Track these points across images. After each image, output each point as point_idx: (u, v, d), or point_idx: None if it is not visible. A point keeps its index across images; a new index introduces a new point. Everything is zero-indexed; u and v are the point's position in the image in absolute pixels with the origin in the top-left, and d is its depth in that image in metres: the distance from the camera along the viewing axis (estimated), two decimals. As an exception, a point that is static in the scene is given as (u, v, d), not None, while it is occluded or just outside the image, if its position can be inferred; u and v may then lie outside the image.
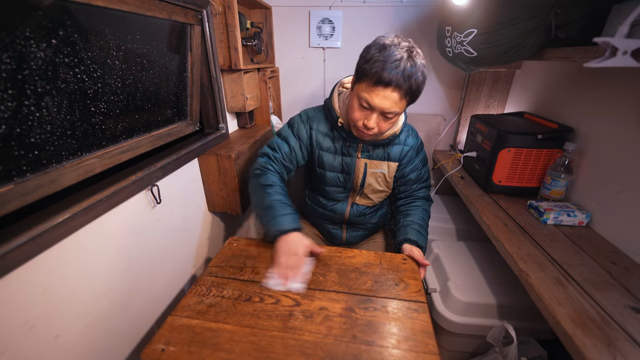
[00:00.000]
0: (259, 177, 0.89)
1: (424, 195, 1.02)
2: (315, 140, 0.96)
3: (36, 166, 0.56)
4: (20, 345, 0.55)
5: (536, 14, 0.77)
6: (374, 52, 0.74)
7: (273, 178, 0.89)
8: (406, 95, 0.75)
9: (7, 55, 0.48)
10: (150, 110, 0.85)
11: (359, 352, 0.56)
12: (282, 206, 0.82)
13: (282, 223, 0.78)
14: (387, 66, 0.71)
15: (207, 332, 0.59)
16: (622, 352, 0.55)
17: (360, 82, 0.78)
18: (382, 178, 0.97)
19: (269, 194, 0.84)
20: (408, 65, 0.72)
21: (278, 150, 0.94)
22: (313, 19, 1.47)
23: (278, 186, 0.87)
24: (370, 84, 0.74)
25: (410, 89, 0.74)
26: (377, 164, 0.95)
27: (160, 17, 0.78)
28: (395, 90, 0.73)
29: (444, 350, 1.08)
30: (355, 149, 0.94)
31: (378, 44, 0.75)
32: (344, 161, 0.95)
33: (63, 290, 0.62)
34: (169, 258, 0.97)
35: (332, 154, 0.96)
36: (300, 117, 0.99)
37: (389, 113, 0.77)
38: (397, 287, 0.72)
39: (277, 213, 0.80)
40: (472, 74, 1.43)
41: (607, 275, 0.73)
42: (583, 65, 0.65)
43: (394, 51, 0.72)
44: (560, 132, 1.01)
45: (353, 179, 0.97)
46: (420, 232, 0.91)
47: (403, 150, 0.96)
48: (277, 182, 0.88)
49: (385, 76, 0.72)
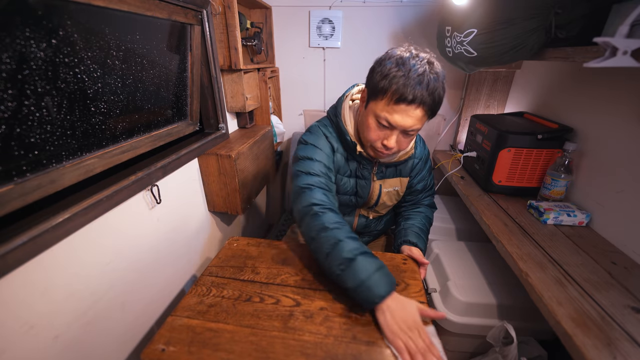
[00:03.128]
0: (318, 218, 0.71)
1: (429, 202, 1.01)
2: (336, 164, 0.86)
3: (36, 166, 0.56)
4: (21, 345, 0.55)
5: (536, 14, 0.77)
6: (391, 67, 0.67)
7: (335, 217, 0.71)
8: (430, 110, 0.69)
9: (7, 55, 0.48)
10: (150, 110, 0.85)
11: (359, 353, 0.56)
12: (368, 259, 0.64)
13: (378, 287, 0.61)
14: (409, 82, 0.65)
15: (207, 333, 0.59)
16: (622, 352, 0.55)
17: (377, 100, 0.70)
18: (395, 194, 0.93)
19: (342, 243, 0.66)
20: (432, 78, 0.66)
21: (323, 176, 0.79)
22: (313, 19, 1.47)
23: (346, 227, 0.71)
24: (392, 101, 0.67)
25: (434, 102, 0.68)
26: (391, 182, 0.90)
27: (160, 17, 0.78)
28: (419, 106, 0.67)
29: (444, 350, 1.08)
30: (370, 171, 0.87)
31: (395, 57, 0.68)
32: (359, 184, 0.88)
33: (63, 290, 0.62)
34: (169, 258, 0.97)
35: (347, 177, 0.88)
36: (317, 135, 0.85)
37: (411, 131, 0.71)
38: (397, 288, 0.72)
39: (368, 271, 0.62)
40: (472, 74, 1.43)
41: (607, 275, 0.73)
42: (583, 65, 0.65)
43: (415, 64, 0.66)
44: (560, 132, 1.01)
45: (367, 201, 0.91)
46: (421, 235, 0.89)
47: (413, 164, 0.93)
48: (341, 222, 0.71)
49: (409, 93, 0.65)
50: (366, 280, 0.61)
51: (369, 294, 0.61)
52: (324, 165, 0.81)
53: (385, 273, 0.64)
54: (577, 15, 0.75)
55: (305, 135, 0.87)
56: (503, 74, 1.42)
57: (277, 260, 0.80)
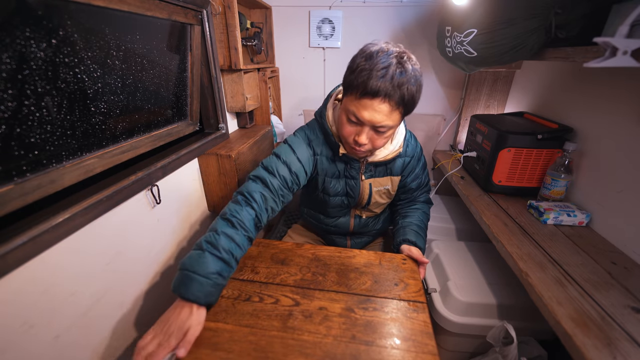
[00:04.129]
0: (232, 205, 0.73)
1: (425, 199, 1.01)
2: (320, 167, 0.87)
3: (36, 166, 0.56)
4: (21, 345, 0.55)
5: (536, 14, 0.77)
6: (359, 61, 0.67)
7: (247, 216, 0.72)
8: (398, 105, 0.67)
9: (7, 55, 0.48)
10: (150, 110, 0.85)
11: (358, 352, 0.56)
12: (214, 262, 0.62)
13: (192, 288, 0.59)
14: (373, 74, 0.64)
15: (206, 332, 0.59)
16: (622, 352, 0.55)
17: (348, 95, 0.71)
18: (387, 193, 0.94)
19: (219, 235, 0.66)
20: (397, 72, 0.65)
21: (276, 175, 0.79)
22: (313, 19, 1.47)
23: (241, 231, 0.69)
24: (357, 95, 0.67)
25: (403, 98, 0.66)
26: (381, 181, 0.90)
27: (161, 17, 0.78)
28: (384, 101, 0.66)
29: (444, 350, 1.08)
30: (358, 171, 0.87)
31: (364, 52, 0.68)
32: (348, 184, 0.89)
33: (63, 290, 0.62)
34: (169, 258, 0.97)
35: (336, 179, 0.88)
36: (299, 138, 0.87)
37: (380, 127, 0.70)
38: (397, 287, 0.72)
39: (200, 270, 0.61)
40: (472, 74, 1.43)
41: (607, 275, 0.73)
42: (583, 65, 0.65)
43: (382, 58, 0.65)
44: (560, 132, 1.01)
45: (358, 200, 0.92)
46: (419, 233, 0.89)
47: (404, 162, 0.91)
48: (246, 225, 0.70)
49: (372, 85, 0.64)
50: (192, 274, 0.60)
51: (182, 284, 0.60)
52: (288, 170, 0.81)
53: (214, 286, 0.61)
54: (577, 15, 0.75)
55: (289, 137, 0.88)
56: (503, 74, 1.42)
57: (276, 260, 0.80)
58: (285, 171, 0.80)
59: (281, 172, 0.80)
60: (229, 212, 0.72)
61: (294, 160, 0.82)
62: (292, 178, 0.81)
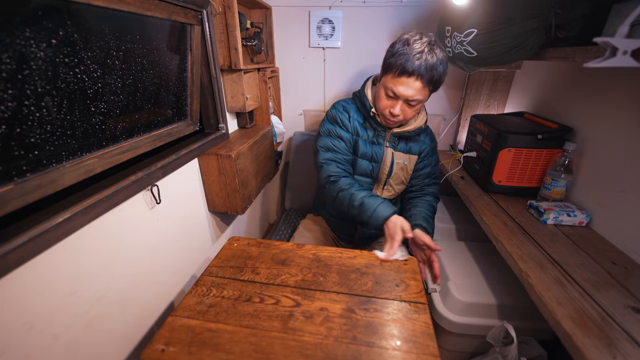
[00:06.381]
0: (335, 184, 0.95)
1: (433, 191, 1.09)
2: (353, 128, 1.03)
3: (36, 166, 0.55)
4: (21, 345, 0.55)
5: (536, 14, 0.77)
6: (398, 47, 0.84)
7: (347, 180, 0.95)
8: (428, 84, 0.84)
9: (7, 55, 0.48)
10: (150, 110, 0.85)
11: (359, 354, 0.56)
12: (372, 199, 0.89)
13: (382, 212, 0.86)
14: (410, 57, 0.81)
15: (207, 333, 0.59)
16: (622, 352, 0.55)
17: (387, 74, 0.88)
18: (404, 169, 1.05)
19: (354, 195, 0.91)
20: (429, 57, 0.81)
21: (338, 150, 1.00)
22: (313, 19, 1.47)
23: (356, 185, 0.95)
24: (395, 74, 0.84)
25: (432, 78, 0.83)
26: (401, 155, 1.03)
27: (160, 17, 0.78)
28: (417, 79, 0.82)
29: (444, 350, 1.08)
30: (384, 138, 1.02)
31: (402, 39, 0.85)
32: (373, 150, 1.02)
33: (63, 290, 0.62)
34: (169, 258, 0.97)
35: (365, 142, 1.03)
36: (337, 109, 1.04)
37: (412, 100, 0.86)
38: (398, 288, 0.72)
39: (373, 206, 0.87)
40: (472, 74, 1.43)
41: (607, 275, 0.73)
42: (583, 65, 0.65)
43: (416, 44, 0.82)
44: (560, 132, 1.01)
45: (381, 168, 1.03)
46: (429, 220, 0.97)
47: (422, 147, 1.06)
48: (352, 182, 0.95)
49: (408, 67, 0.81)
50: (373, 212, 0.87)
51: (378, 219, 0.86)
52: (340, 139, 1.01)
53: (386, 204, 0.88)
54: (577, 15, 0.75)
55: (327, 113, 1.07)
56: (503, 74, 1.42)
57: (277, 260, 0.80)
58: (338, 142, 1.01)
59: (336, 144, 1.01)
60: (341, 186, 0.93)
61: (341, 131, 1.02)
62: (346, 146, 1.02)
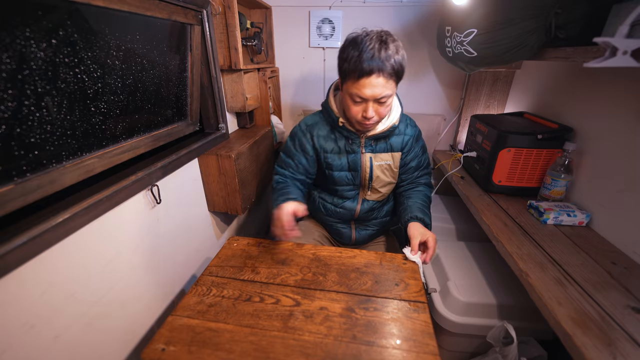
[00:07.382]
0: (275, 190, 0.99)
1: (426, 181, 1.06)
2: (319, 146, 0.99)
3: (36, 166, 0.55)
4: (21, 345, 0.55)
5: (536, 14, 0.77)
6: (349, 51, 0.78)
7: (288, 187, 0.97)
8: (391, 76, 0.79)
9: (7, 55, 0.48)
10: (150, 111, 0.85)
11: (359, 353, 0.56)
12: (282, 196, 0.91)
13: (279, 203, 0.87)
14: (363, 58, 0.76)
15: (207, 332, 0.59)
16: (622, 352, 0.55)
17: (347, 81, 0.82)
18: (389, 169, 1.00)
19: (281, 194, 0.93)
20: (383, 50, 0.76)
21: (286, 168, 1.02)
22: (313, 19, 1.47)
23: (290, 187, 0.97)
24: (355, 79, 0.79)
25: (393, 69, 0.78)
26: (382, 156, 0.98)
27: (160, 17, 0.78)
28: (379, 75, 0.77)
29: (444, 350, 1.08)
30: (358, 145, 0.96)
31: (350, 41, 0.80)
32: (350, 159, 0.98)
33: (63, 290, 0.62)
34: (169, 258, 0.97)
35: (337, 154, 0.99)
36: (299, 127, 1.02)
37: (382, 98, 0.81)
38: (397, 287, 0.72)
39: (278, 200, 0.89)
40: (472, 74, 1.43)
41: (607, 275, 0.73)
42: (583, 65, 0.65)
43: (366, 42, 0.77)
44: (560, 132, 1.01)
45: (361, 175, 0.99)
46: (425, 211, 0.95)
47: (404, 140, 1.00)
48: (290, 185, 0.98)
49: (365, 67, 0.76)
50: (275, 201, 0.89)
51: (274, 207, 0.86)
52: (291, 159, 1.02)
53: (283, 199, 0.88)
54: (577, 15, 0.75)
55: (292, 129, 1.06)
56: (503, 74, 1.42)
57: (277, 260, 0.81)
58: (291, 163, 1.01)
59: (289, 164, 1.01)
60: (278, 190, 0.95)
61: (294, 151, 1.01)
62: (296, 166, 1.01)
